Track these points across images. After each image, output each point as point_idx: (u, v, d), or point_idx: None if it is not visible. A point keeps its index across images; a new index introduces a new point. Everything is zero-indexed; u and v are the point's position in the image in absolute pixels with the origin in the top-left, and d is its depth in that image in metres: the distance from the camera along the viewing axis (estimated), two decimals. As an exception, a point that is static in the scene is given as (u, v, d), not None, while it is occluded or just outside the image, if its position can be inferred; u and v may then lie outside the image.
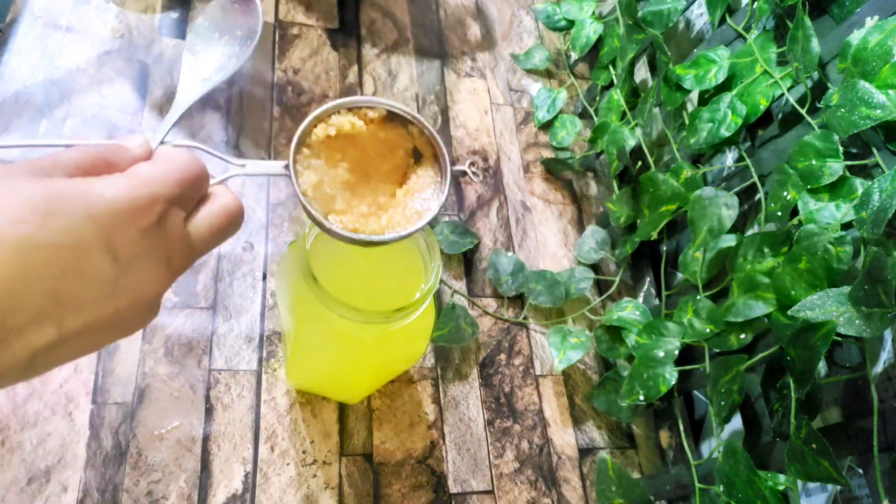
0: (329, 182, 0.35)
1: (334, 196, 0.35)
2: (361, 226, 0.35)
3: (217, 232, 0.28)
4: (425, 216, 0.35)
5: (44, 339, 0.21)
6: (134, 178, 0.24)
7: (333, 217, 0.35)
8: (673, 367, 0.56)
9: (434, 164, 0.37)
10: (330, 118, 0.35)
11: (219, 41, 0.35)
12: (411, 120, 0.37)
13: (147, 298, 0.25)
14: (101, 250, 0.22)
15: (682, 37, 0.75)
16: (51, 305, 0.21)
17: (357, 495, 0.54)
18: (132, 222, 0.23)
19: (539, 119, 0.81)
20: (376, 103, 0.36)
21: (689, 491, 0.53)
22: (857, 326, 0.40)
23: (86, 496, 0.48)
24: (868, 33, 0.46)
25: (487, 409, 0.61)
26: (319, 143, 0.35)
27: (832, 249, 0.45)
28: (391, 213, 0.36)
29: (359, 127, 0.36)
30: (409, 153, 0.38)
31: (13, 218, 0.21)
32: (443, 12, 0.86)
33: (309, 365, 0.50)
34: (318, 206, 0.34)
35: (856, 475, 0.47)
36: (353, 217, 0.35)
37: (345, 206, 0.36)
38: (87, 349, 0.24)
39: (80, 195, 0.22)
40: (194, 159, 0.28)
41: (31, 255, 0.21)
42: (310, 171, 0.34)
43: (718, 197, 0.57)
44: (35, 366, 0.22)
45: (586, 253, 0.72)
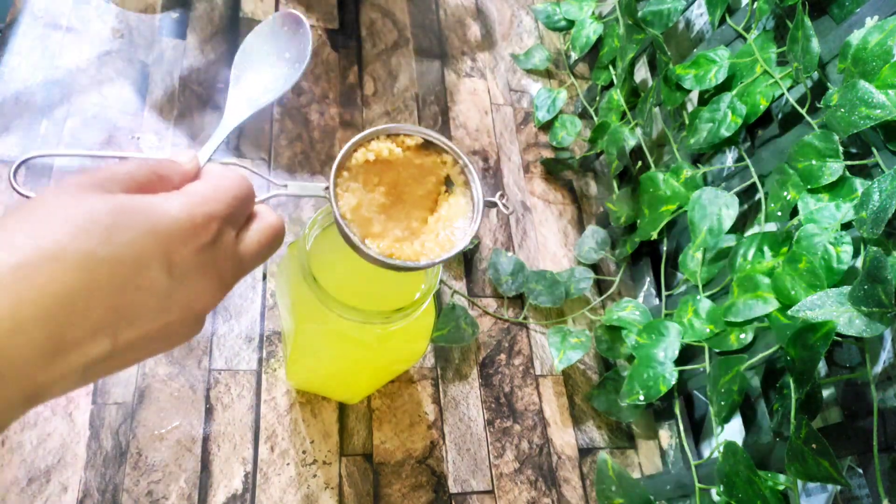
0: (366, 205, 0.36)
1: (371, 219, 0.37)
2: (397, 251, 0.36)
3: (264, 248, 0.29)
4: (458, 245, 0.36)
5: (99, 351, 0.22)
6: (192, 197, 0.25)
7: (370, 241, 0.36)
8: (673, 367, 0.56)
9: (465, 194, 0.38)
10: (370, 143, 0.36)
11: (267, 62, 0.35)
12: (446, 149, 0.38)
13: (196, 313, 0.25)
14: (159, 266, 0.23)
15: (682, 37, 0.75)
16: (109, 319, 0.22)
17: (357, 495, 0.54)
18: (190, 240, 0.24)
19: (539, 119, 0.81)
20: (414, 131, 0.37)
21: (689, 491, 0.53)
22: (856, 326, 0.40)
23: (86, 496, 0.48)
24: (868, 33, 0.46)
25: (487, 409, 0.61)
26: (358, 167, 0.36)
27: (832, 249, 0.45)
28: (423, 239, 0.37)
29: (396, 153, 0.37)
30: (442, 181, 0.39)
31: (78, 231, 0.21)
32: (443, 12, 0.86)
33: (309, 365, 0.50)
34: (356, 228, 0.35)
35: (856, 475, 0.47)
36: (389, 242, 0.36)
37: (381, 230, 0.37)
38: (135, 360, 0.24)
39: (141, 211, 0.23)
40: (243, 178, 0.28)
41: (95, 268, 0.21)
42: (349, 193, 0.36)
43: (718, 197, 0.57)
44: (87, 377, 0.22)
45: (586, 253, 0.72)
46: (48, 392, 0.21)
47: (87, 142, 0.61)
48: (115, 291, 0.22)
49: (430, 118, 0.77)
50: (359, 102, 0.74)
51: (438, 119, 0.77)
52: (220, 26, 0.73)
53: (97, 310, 0.21)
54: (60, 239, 0.21)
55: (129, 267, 0.22)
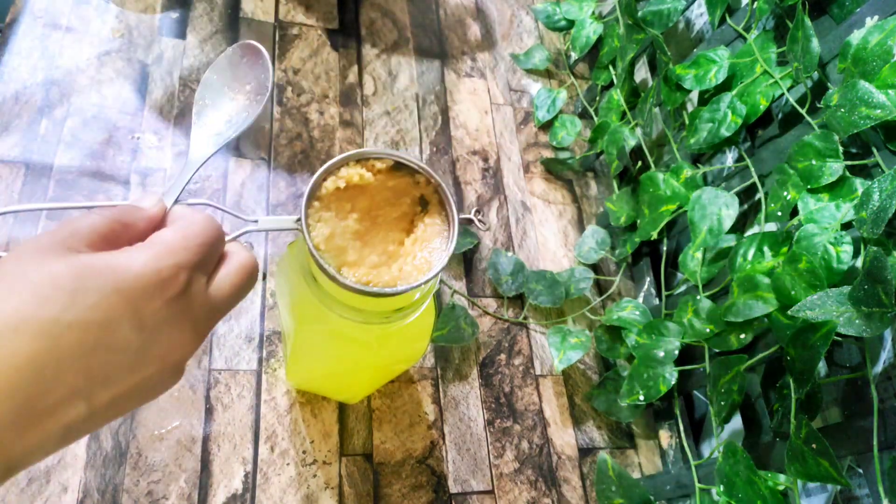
0: (340, 234, 0.36)
1: (346, 247, 0.36)
2: (374, 278, 0.36)
3: (237, 289, 0.29)
4: (436, 266, 0.36)
5: (75, 414, 0.22)
6: (158, 248, 0.25)
7: (347, 270, 0.36)
8: (673, 367, 0.56)
9: (441, 213, 0.38)
10: (339, 171, 0.36)
11: (228, 95, 0.35)
12: (418, 169, 0.38)
13: (173, 363, 0.25)
14: (128, 324, 0.23)
15: (682, 37, 0.75)
16: (82, 382, 0.22)
17: (357, 495, 0.54)
18: (158, 293, 0.24)
19: (539, 119, 0.81)
20: (384, 155, 0.37)
21: (689, 491, 0.53)
22: (856, 326, 0.40)
23: (86, 496, 0.48)
24: (868, 33, 0.46)
25: (487, 409, 0.61)
26: (329, 196, 0.36)
27: (832, 249, 0.45)
28: (401, 262, 0.37)
29: (367, 178, 0.37)
30: (416, 201, 0.39)
31: (41, 299, 0.21)
32: (443, 12, 0.86)
33: (309, 365, 0.50)
34: (331, 259, 0.35)
35: (856, 475, 0.47)
36: (366, 269, 0.36)
37: (356, 258, 0.36)
38: (116, 416, 0.24)
39: (105, 270, 0.23)
40: (211, 220, 0.28)
41: (61, 335, 0.21)
42: (322, 224, 0.35)
43: (718, 197, 0.57)
44: (67, 439, 0.22)
45: (586, 253, 0.72)
46: (28, 459, 0.21)
47: (86, 142, 0.61)
48: (85, 355, 0.21)
49: (429, 118, 0.77)
50: (359, 102, 0.74)
51: (438, 119, 0.77)
52: (220, 26, 0.73)
53: (68, 375, 0.21)
54: (22, 308, 0.20)
55: (97, 329, 0.22)
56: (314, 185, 0.35)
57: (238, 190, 0.64)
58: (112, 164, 0.61)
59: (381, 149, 0.37)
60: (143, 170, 0.62)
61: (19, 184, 0.58)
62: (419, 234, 0.38)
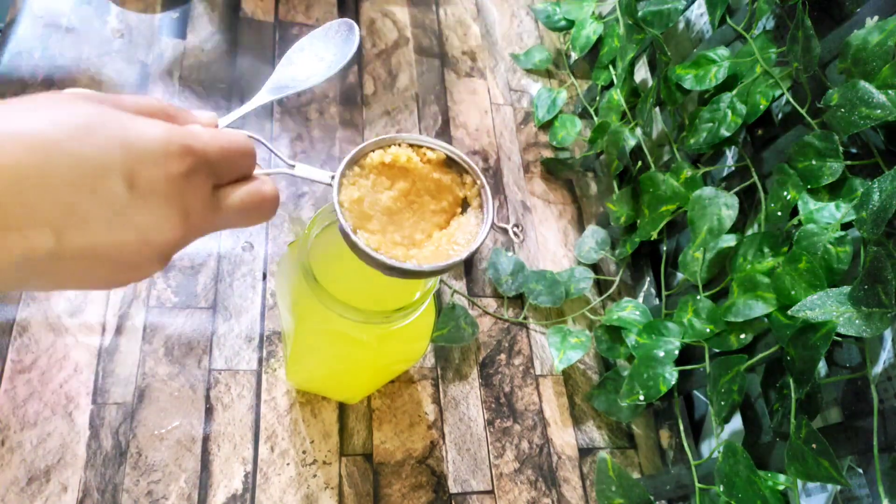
0: (370, 204, 0.36)
1: (371, 216, 0.36)
2: (386, 249, 0.35)
3: (245, 209, 0.29)
4: (453, 258, 0.35)
5: (40, 243, 0.22)
6: (178, 129, 0.25)
7: (362, 234, 0.35)
8: (673, 367, 0.56)
9: (477, 215, 0.38)
10: (389, 147, 0.36)
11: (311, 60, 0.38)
12: (467, 169, 0.38)
13: (155, 244, 0.25)
14: (120, 177, 0.23)
15: (682, 37, 0.75)
16: (57, 214, 0.22)
17: (357, 495, 0.54)
18: (160, 164, 0.24)
19: (539, 119, 0.81)
20: (438, 146, 0.37)
21: (689, 491, 0.53)
22: (857, 326, 0.40)
23: (86, 496, 0.48)
24: (868, 33, 0.46)
25: (487, 409, 0.61)
26: (372, 166, 0.36)
27: (832, 249, 0.45)
28: (423, 250, 0.36)
29: (415, 163, 0.37)
30: (459, 202, 0.39)
31: (54, 123, 0.22)
32: (443, 12, 0.86)
33: (309, 365, 0.50)
34: (351, 219, 0.34)
35: (856, 475, 0.47)
36: (382, 240, 0.35)
37: (379, 229, 0.36)
38: (81, 277, 0.24)
39: (121, 125, 0.23)
40: (245, 139, 0.29)
41: (55, 158, 0.21)
42: (354, 188, 0.35)
43: (718, 197, 0.57)
44: (23, 273, 0.22)
45: (586, 253, 0.72)
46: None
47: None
48: (69, 188, 0.22)
49: (430, 118, 0.77)
50: (359, 102, 0.74)
51: (438, 119, 0.77)
52: (220, 26, 0.73)
53: (47, 199, 0.21)
54: (34, 125, 0.21)
55: (89, 167, 0.22)
56: (360, 151, 0.35)
57: (238, 190, 0.64)
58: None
59: (438, 141, 0.37)
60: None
61: (19, 184, 0.58)
62: (451, 230, 0.38)
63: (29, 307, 0.53)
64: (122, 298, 0.56)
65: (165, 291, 0.57)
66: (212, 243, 0.60)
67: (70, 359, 0.52)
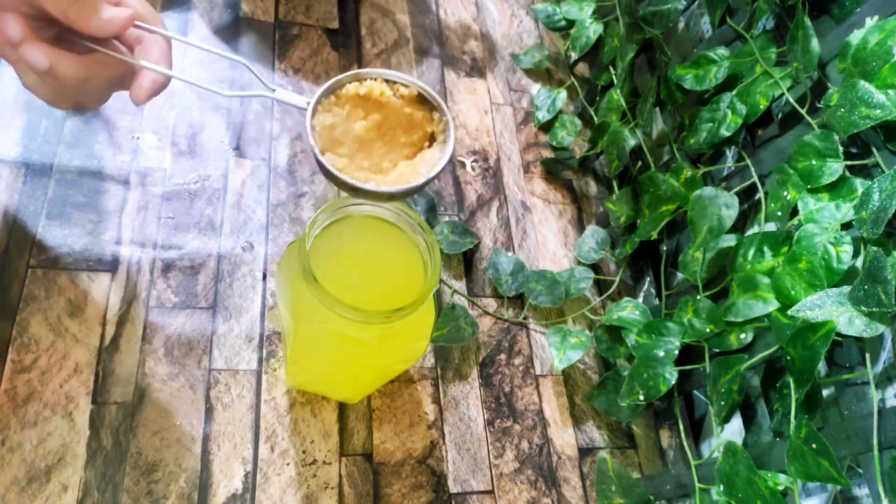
0: (342, 131, 0.38)
1: (341, 142, 0.38)
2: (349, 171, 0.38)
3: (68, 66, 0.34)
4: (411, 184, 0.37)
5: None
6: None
7: (330, 156, 0.37)
8: (673, 367, 0.56)
9: (441, 149, 0.40)
10: (365, 80, 0.38)
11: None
12: (436, 106, 0.39)
13: None
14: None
15: (683, 37, 0.75)
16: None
17: (357, 495, 0.54)
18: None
19: (539, 119, 0.81)
20: (411, 83, 0.39)
21: (689, 491, 0.53)
22: (856, 326, 0.40)
23: (86, 496, 0.48)
24: (868, 33, 0.46)
25: (487, 408, 0.61)
26: (347, 97, 0.38)
27: (832, 249, 0.45)
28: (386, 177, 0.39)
29: (388, 97, 0.38)
30: (427, 136, 0.40)
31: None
32: (443, 12, 0.86)
33: (309, 365, 0.50)
34: (320, 142, 0.37)
35: (855, 475, 0.47)
36: (349, 164, 0.38)
37: (347, 154, 0.38)
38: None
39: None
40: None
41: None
42: (329, 114, 0.37)
43: (718, 197, 0.57)
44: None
45: (586, 253, 0.72)
46: None
47: (87, 142, 0.61)
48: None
49: (430, 118, 0.77)
50: (359, 102, 0.74)
51: (438, 119, 0.77)
52: (219, 26, 0.73)
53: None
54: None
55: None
56: (337, 82, 0.37)
57: (238, 189, 0.64)
58: (112, 164, 0.61)
59: (412, 78, 0.39)
60: (143, 170, 0.62)
61: (20, 184, 0.58)
62: (415, 161, 0.40)
63: (29, 307, 0.53)
64: (122, 298, 0.56)
65: (165, 291, 0.57)
66: (212, 243, 0.61)
67: (70, 359, 0.52)
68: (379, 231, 0.47)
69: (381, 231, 0.47)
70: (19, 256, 0.55)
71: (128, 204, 0.60)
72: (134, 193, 0.61)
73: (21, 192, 0.57)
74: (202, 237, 0.61)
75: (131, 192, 0.61)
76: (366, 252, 0.47)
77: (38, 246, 0.56)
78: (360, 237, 0.47)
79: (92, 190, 0.59)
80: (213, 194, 0.63)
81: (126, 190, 0.61)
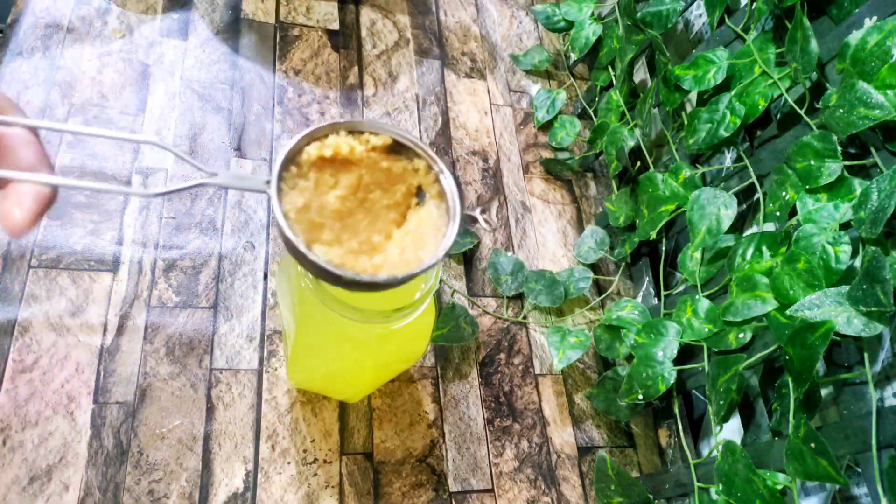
0: (317, 209, 0.31)
1: (322, 225, 0.31)
2: (350, 263, 0.30)
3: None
4: (427, 261, 0.30)
5: None
6: None
7: (319, 248, 0.30)
8: (672, 367, 0.56)
9: (440, 206, 0.33)
10: (326, 138, 0.31)
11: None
12: (419, 153, 0.32)
13: None
14: None
15: (681, 38, 0.75)
16: None
17: (357, 494, 0.54)
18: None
19: (538, 120, 0.81)
20: (382, 130, 0.32)
21: (688, 490, 0.53)
22: (855, 326, 0.41)
23: (87, 495, 0.48)
24: (867, 34, 0.46)
25: (487, 408, 0.61)
26: (311, 164, 0.31)
27: (830, 249, 0.45)
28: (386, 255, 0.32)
29: (359, 152, 0.32)
30: (413, 192, 0.34)
31: None
32: (443, 12, 0.86)
33: (309, 364, 0.50)
34: (301, 232, 0.30)
35: (854, 474, 0.48)
36: (342, 252, 0.31)
37: (332, 238, 0.31)
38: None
39: None
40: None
41: None
42: (296, 192, 0.30)
43: (717, 197, 0.57)
44: None
45: (585, 253, 0.72)
46: None
47: (88, 142, 0.62)
48: None
49: (430, 118, 0.77)
50: (359, 103, 0.74)
51: (438, 119, 0.77)
52: (220, 27, 0.73)
53: None
54: None
55: None
56: (294, 148, 0.30)
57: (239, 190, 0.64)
58: (113, 164, 0.62)
59: (381, 122, 0.32)
60: (144, 170, 0.62)
61: (21, 184, 0.58)
62: (411, 227, 0.33)
63: (31, 307, 0.53)
64: (124, 298, 0.56)
65: (167, 291, 0.57)
66: (213, 243, 0.61)
67: (71, 358, 0.52)
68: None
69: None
70: (20, 256, 0.55)
71: (129, 204, 0.60)
72: (135, 193, 0.61)
73: (22, 193, 0.57)
74: (203, 237, 0.61)
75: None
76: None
77: (40, 246, 0.56)
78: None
79: (93, 189, 0.60)
80: (215, 194, 0.63)
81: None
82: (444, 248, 0.31)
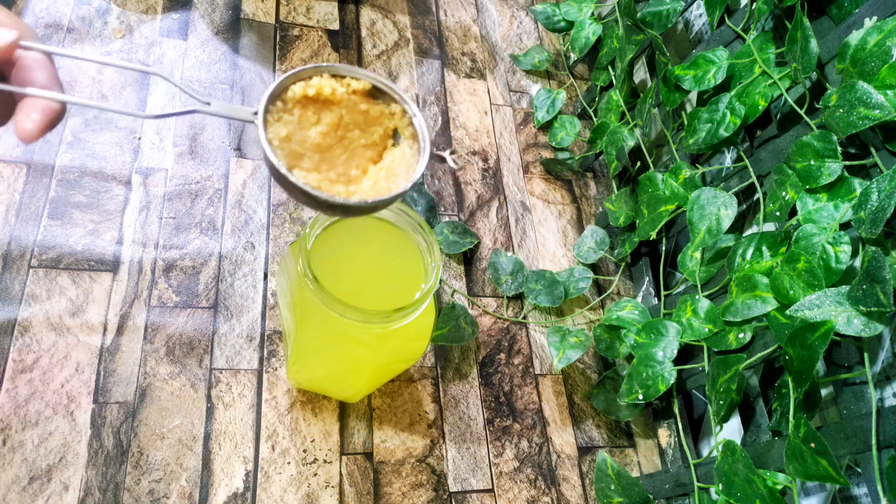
0: (299, 140, 0.34)
1: (302, 154, 0.34)
2: (327, 188, 0.33)
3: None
4: (395, 190, 0.33)
5: None
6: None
7: (299, 172, 0.33)
8: (672, 367, 0.56)
9: (412, 146, 0.36)
10: (311, 79, 0.34)
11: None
12: (395, 98, 0.35)
13: None
14: None
15: (681, 38, 0.75)
16: None
17: (357, 494, 0.54)
18: None
19: (538, 119, 0.81)
20: (361, 75, 0.35)
21: (687, 490, 0.53)
22: (855, 326, 0.41)
23: (87, 495, 0.48)
24: (867, 34, 0.46)
25: (487, 408, 0.61)
26: (295, 101, 0.34)
27: (830, 249, 0.45)
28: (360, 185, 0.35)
29: (340, 94, 0.34)
30: (389, 134, 0.36)
31: None
32: (443, 12, 0.86)
33: (309, 364, 0.50)
34: (283, 157, 0.32)
35: (854, 474, 0.48)
36: (320, 177, 0.34)
37: (313, 167, 0.34)
38: None
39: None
40: None
41: None
42: (280, 124, 0.33)
43: (717, 197, 0.57)
44: None
45: (585, 253, 0.72)
46: None
47: (88, 142, 0.62)
48: None
49: (430, 118, 0.77)
50: (359, 103, 0.74)
51: (438, 119, 0.77)
52: (220, 27, 0.73)
53: None
54: None
55: None
56: (280, 85, 0.33)
57: (239, 189, 0.64)
58: (113, 164, 0.62)
59: (362, 69, 0.35)
60: (144, 170, 0.62)
61: (21, 183, 0.58)
62: (385, 164, 0.36)
63: (31, 307, 0.53)
64: (124, 298, 0.56)
65: (167, 291, 0.57)
66: (213, 243, 0.61)
67: (71, 358, 0.52)
68: (379, 231, 0.47)
69: (381, 231, 0.47)
70: (21, 256, 0.55)
71: (129, 204, 0.60)
72: (135, 194, 0.61)
73: (22, 192, 0.58)
74: (203, 237, 0.61)
75: (133, 192, 0.61)
76: (366, 252, 0.47)
77: (40, 246, 0.56)
78: (360, 237, 0.47)
79: (93, 190, 0.60)
80: (215, 194, 0.63)
81: (127, 190, 0.61)
82: (412, 179, 0.34)
